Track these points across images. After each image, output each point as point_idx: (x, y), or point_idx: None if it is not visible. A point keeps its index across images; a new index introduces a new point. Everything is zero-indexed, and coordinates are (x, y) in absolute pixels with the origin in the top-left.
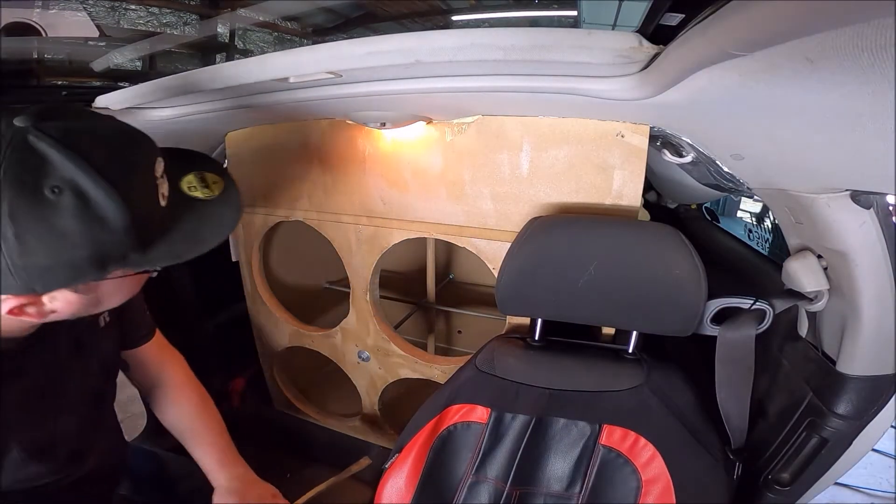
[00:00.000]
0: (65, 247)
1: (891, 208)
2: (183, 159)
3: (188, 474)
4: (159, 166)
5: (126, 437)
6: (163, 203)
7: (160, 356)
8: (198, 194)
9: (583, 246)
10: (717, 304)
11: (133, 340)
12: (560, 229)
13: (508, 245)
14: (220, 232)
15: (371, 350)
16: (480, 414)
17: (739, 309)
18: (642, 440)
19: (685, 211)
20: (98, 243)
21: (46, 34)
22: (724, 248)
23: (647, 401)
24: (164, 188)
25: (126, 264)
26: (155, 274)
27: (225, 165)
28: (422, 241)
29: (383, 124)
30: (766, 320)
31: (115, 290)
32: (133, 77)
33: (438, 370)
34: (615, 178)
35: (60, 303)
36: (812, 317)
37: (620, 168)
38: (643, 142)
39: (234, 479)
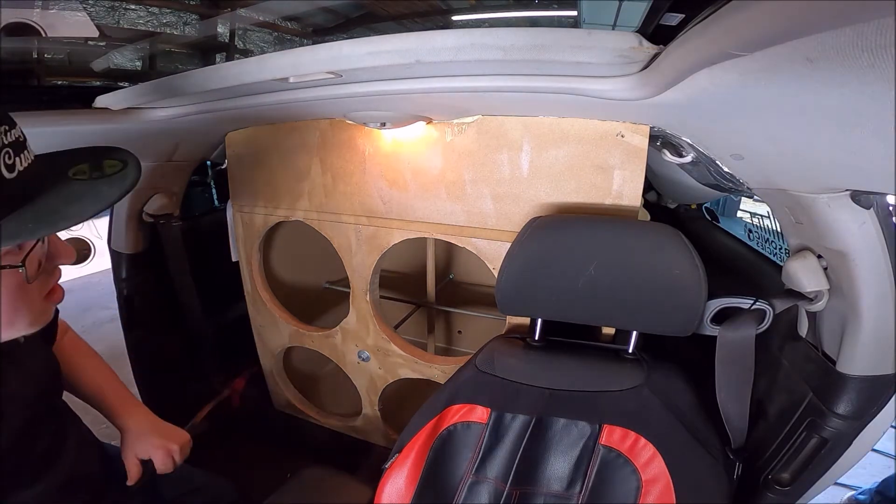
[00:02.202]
0: None
1: (891, 208)
2: (93, 154)
3: (180, 477)
4: (5, 136)
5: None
6: (7, 175)
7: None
8: (82, 177)
9: (583, 246)
10: (717, 304)
11: (51, 337)
12: (560, 229)
13: (508, 245)
14: (87, 208)
15: (371, 350)
16: (480, 414)
17: (739, 309)
18: (642, 440)
19: (685, 211)
20: None
21: (46, 34)
22: (724, 248)
23: (647, 401)
24: (9, 159)
25: None
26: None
27: (224, 165)
28: (422, 241)
29: (383, 124)
30: (766, 320)
31: None
32: (133, 77)
33: (438, 370)
34: (615, 178)
35: None
36: (812, 317)
37: (620, 168)
38: (643, 142)
39: (141, 422)
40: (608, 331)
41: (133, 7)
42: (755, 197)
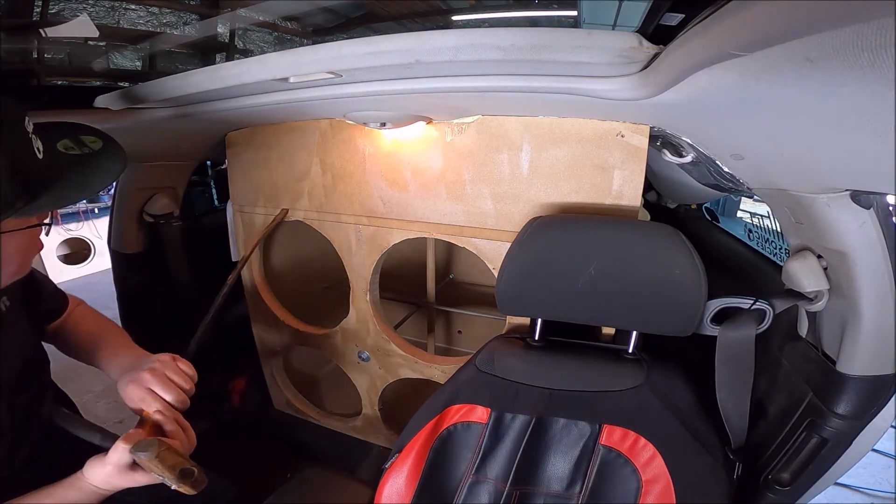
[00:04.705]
0: None
1: (891, 208)
2: (58, 130)
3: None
4: (29, 125)
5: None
6: (39, 156)
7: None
8: (75, 152)
9: (583, 246)
10: (717, 304)
11: (50, 315)
12: (560, 229)
13: (508, 245)
14: (106, 178)
15: (371, 350)
16: (480, 414)
17: (739, 309)
18: (642, 440)
19: (685, 211)
20: None
21: (46, 34)
22: (724, 248)
23: (647, 401)
24: (38, 143)
25: (15, 212)
26: (47, 230)
27: (224, 166)
28: (422, 241)
29: (383, 124)
30: (766, 320)
31: (14, 251)
32: (133, 77)
33: (438, 370)
34: (615, 178)
35: None
36: (812, 317)
37: (620, 168)
38: (643, 142)
39: (127, 363)
40: (608, 331)
41: (133, 7)
42: (755, 197)
